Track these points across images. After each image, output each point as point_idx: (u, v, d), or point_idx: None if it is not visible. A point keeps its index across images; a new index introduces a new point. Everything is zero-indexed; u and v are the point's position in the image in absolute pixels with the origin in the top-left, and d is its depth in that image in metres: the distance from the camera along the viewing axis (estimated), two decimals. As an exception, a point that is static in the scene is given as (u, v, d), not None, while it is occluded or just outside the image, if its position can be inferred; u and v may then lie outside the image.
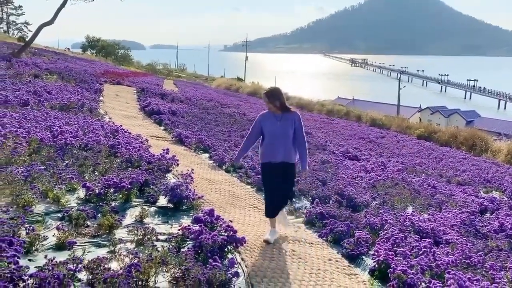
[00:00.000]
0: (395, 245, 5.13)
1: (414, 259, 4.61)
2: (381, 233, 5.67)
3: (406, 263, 4.43)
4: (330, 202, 7.12)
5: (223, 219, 4.47)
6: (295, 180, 5.33)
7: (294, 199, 6.68)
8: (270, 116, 4.80)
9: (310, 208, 6.32)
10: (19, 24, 70.28)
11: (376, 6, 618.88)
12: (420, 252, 4.86)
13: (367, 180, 9.88)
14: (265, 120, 4.82)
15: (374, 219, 6.13)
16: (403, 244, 5.21)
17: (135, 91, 19.14)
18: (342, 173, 10.04)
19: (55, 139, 6.60)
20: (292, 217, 6.33)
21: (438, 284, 3.91)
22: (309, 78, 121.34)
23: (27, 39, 33.13)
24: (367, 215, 6.37)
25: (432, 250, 4.93)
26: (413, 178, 11.38)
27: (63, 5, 22.03)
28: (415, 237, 5.50)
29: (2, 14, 68.22)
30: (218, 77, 66.27)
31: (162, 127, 11.97)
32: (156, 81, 29.70)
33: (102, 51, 61.88)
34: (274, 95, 4.79)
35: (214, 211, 4.49)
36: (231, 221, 4.41)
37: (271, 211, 4.81)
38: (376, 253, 4.78)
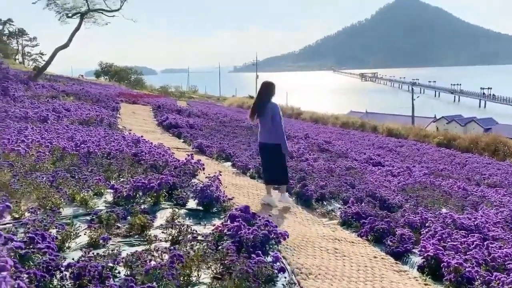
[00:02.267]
0: (442, 241, 4.79)
1: (468, 254, 4.28)
2: (422, 230, 5.35)
3: (459, 257, 4.10)
4: (363, 203, 6.81)
5: (259, 216, 4.20)
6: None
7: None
8: None
9: (345, 208, 6.01)
10: (34, 55, 71.66)
11: (383, 21, 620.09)
12: (472, 246, 4.52)
13: (396, 184, 9.55)
14: None
15: (414, 217, 5.80)
16: (450, 240, 4.87)
17: (151, 109, 19.14)
18: (369, 177, 9.71)
19: (78, 148, 6.44)
20: (325, 219, 6.04)
21: (501, 276, 3.57)
22: (320, 94, 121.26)
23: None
24: (404, 214, 6.05)
25: (485, 243, 4.58)
26: (441, 181, 10.98)
27: (77, 28, 22.35)
28: (462, 232, 5.16)
29: (18, 45, 69.81)
30: (230, 96, 66.49)
31: (182, 140, 11.82)
32: (170, 102, 29.81)
33: (115, 76, 62.68)
34: None
35: (249, 208, 4.24)
36: (269, 215, 4.14)
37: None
38: (423, 249, 4.45)
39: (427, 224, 5.54)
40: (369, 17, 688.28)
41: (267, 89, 5.97)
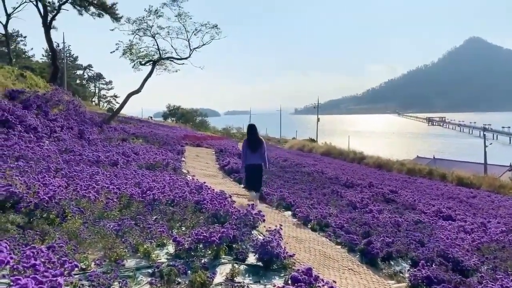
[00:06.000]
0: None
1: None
2: (504, 303, 4.81)
3: None
4: (433, 265, 6.31)
5: (322, 279, 3.99)
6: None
7: None
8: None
9: (415, 271, 5.59)
10: (109, 97, 77.00)
11: (451, 64, 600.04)
12: None
13: (470, 242, 8.82)
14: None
15: (493, 285, 5.25)
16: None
17: (214, 152, 19.61)
18: (440, 233, 9.07)
19: (144, 195, 6.64)
20: (392, 282, 5.64)
21: None
22: (383, 138, 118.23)
23: (115, 109, 36.04)
24: (483, 280, 5.50)
25: None
26: (523, 240, 9.98)
27: (149, 75, 23.85)
28: (551, 309, 4.57)
29: (95, 89, 75.55)
30: (290, 138, 66.71)
31: (242, 185, 11.87)
32: (231, 144, 30.45)
33: (181, 118, 65.65)
34: None
35: (312, 270, 4.04)
36: (334, 281, 3.92)
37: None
38: (507, 327, 3.97)
39: (509, 296, 4.98)
40: (435, 60, 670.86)
41: (255, 128, 9.22)
